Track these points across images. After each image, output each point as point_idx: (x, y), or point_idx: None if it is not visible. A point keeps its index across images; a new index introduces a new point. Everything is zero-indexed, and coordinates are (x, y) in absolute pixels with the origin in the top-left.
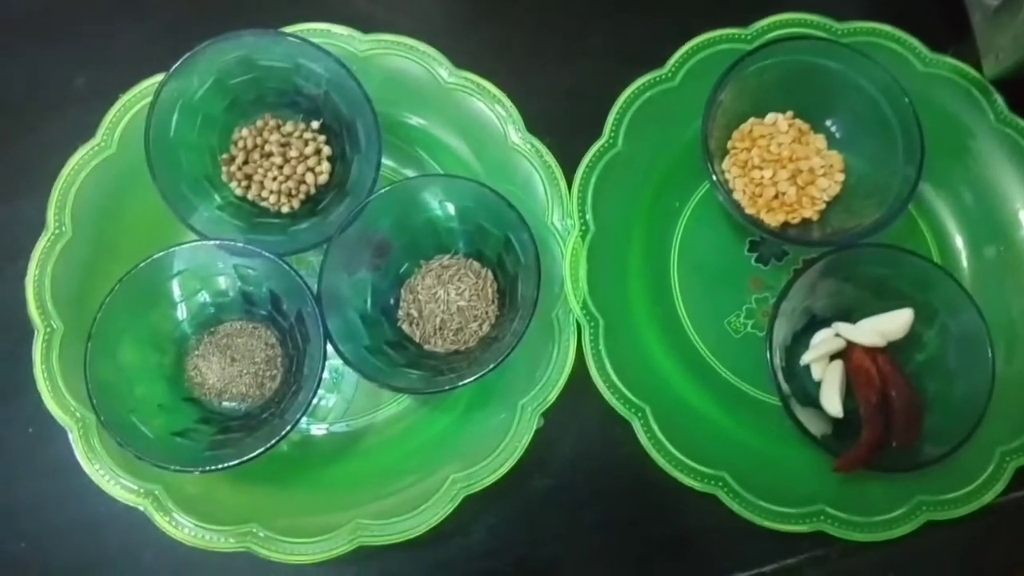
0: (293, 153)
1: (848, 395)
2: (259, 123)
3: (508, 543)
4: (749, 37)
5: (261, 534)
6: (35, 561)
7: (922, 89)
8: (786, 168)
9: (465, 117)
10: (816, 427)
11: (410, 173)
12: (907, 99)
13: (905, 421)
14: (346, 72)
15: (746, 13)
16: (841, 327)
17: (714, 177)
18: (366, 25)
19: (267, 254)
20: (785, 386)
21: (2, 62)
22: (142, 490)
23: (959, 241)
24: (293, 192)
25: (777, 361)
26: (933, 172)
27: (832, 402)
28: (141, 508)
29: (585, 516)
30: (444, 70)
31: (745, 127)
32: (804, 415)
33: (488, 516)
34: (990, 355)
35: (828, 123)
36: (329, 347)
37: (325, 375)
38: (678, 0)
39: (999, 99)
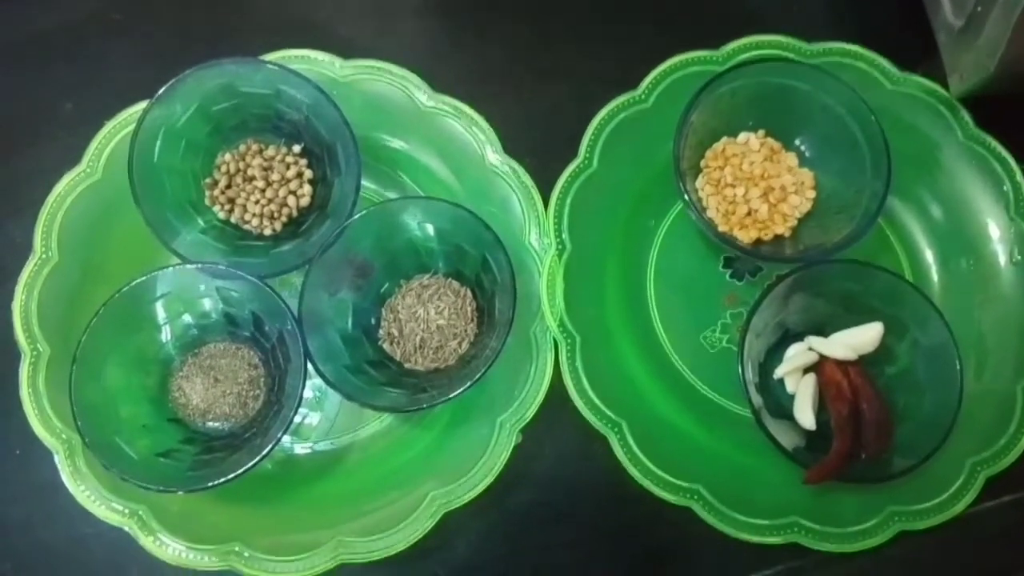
0: (275, 177)
1: (821, 408)
2: (242, 148)
3: (489, 558)
4: (720, 59)
5: (245, 553)
6: None
7: (891, 107)
8: (758, 186)
9: (444, 139)
10: (789, 439)
11: (391, 194)
12: (873, 118)
13: (875, 433)
14: (325, 98)
15: (718, 35)
16: (814, 341)
17: (686, 196)
18: (347, 51)
19: (248, 277)
20: (757, 398)
21: None
22: (127, 510)
23: (929, 256)
24: (275, 215)
25: (749, 374)
26: (903, 188)
27: (805, 414)
28: (126, 528)
29: (564, 530)
30: (423, 94)
31: (718, 146)
32: (778, 427)
33: (469, 532)
34: (958, 368)
35: (798, 142)
36: (311, 367)
37: (308, 394)
38: (651, 23)
39: (966, 116)
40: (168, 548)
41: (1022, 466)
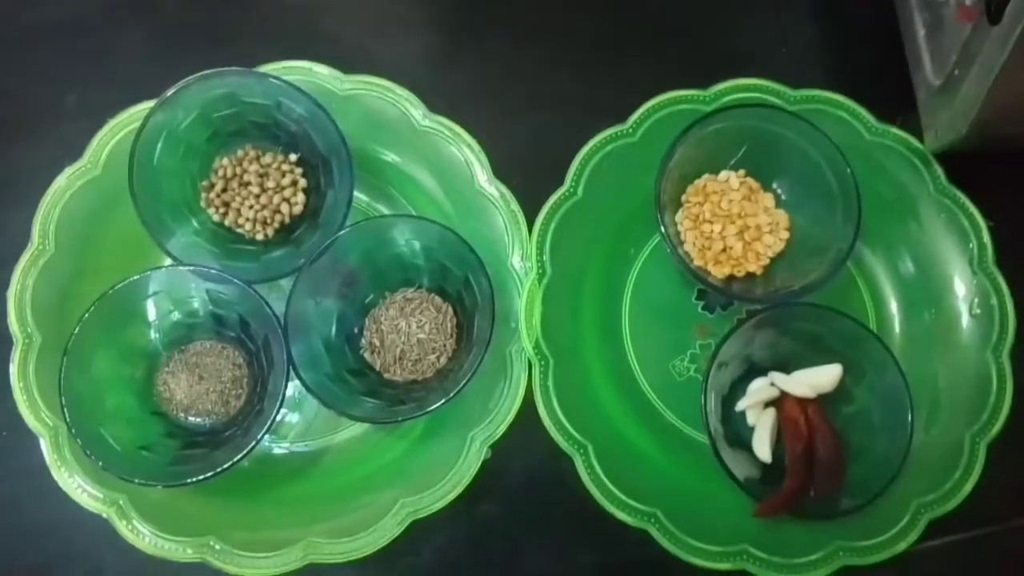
0: (270, 183)
1: (779, 441)
2: (239, 153)
3: (453, 566)
4: (707, 99)
5: (218, 547)
6: (2, 557)
7: (868, 155)
8: (735, 224)
9: (436, 158)
10: (745, 470)
11: (382, 207)
12: (848, 169)
13: (826, 472)
14: (323, 113)
15: (711, 72)
16: (776, 377)
17: (663, 230)
18: (351, 61)
19: (237, 281)
20: (717, 428)
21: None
22: (107, 498)
23: (894, 304)
24: (268, 221)
25: (711, 404)
26: (874, 236)
27: (763, 447)
28: (105, 516)
29: (528, 543)
30: (419, 112)
31: (700, 182)
32: (735, 457)
33: (436, 539)
34: (909, 417)
35: (776, 184)
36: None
37: (290, 392)
38: (644, 57)
39: (939, 170)
40: (145, 537)
41: (964, 510)
